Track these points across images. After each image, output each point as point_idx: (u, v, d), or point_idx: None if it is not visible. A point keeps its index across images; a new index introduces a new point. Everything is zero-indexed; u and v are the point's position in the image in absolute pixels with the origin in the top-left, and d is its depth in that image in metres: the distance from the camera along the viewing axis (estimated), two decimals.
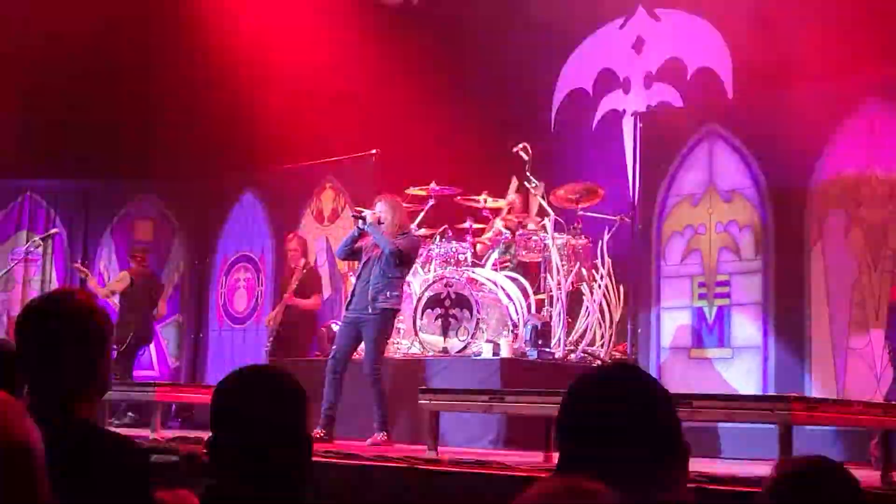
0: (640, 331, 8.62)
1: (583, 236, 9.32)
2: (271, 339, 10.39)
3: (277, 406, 2.43)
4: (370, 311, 7.93)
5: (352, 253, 8.31)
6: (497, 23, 11.74)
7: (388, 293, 7.95)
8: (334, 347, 8.17)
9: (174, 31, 12.79)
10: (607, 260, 9.29)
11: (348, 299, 8.25)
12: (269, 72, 12.16)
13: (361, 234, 8.14)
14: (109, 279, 12.16)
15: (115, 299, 11.35)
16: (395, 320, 8.46)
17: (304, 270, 10.32)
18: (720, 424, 7.51)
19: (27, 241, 11.99)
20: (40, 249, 12.12)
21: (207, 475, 2.49)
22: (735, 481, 4.73)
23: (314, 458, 6.12)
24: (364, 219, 8.07)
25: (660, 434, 2.05)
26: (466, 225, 9.55)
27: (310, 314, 10.50)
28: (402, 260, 8.04)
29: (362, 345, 8.16)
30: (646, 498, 1.99)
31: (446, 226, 9.63)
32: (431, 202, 9.68)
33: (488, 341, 8.62)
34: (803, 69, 8.75)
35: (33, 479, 1.49)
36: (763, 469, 5.18)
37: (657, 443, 2.04)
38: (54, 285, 12.28)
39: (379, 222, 8.03)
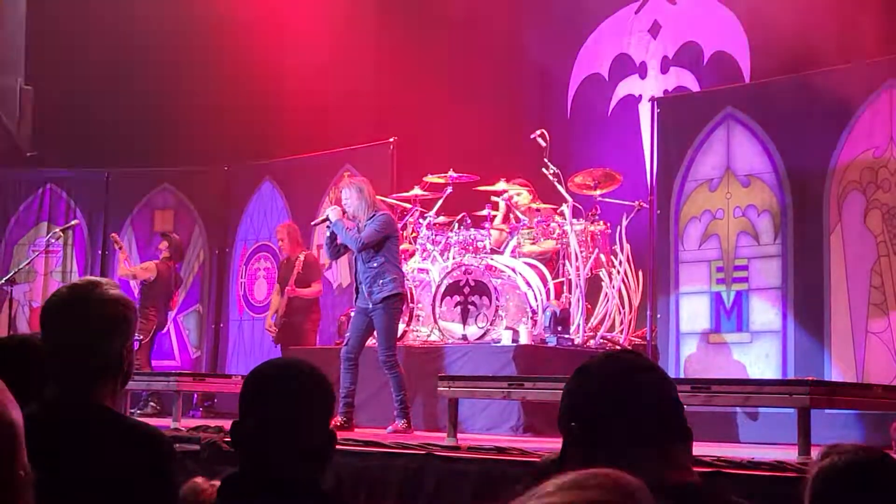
0: (658, 316, 8.63)
1: (601, 222, 9.31)
2: (277, 328, 10.40)
3: (309, 398, 2.49)
4: (371, 304, 7.95)
5: (339, 251, 8.30)
6: (513, 8, 11.73)
7: (380, 283, 7.90)
8: (347, 335, 8.17)
9: (194, 24, 12.82)
10: (626, 245, 9.29)
11: (355, 292, 8.21)
12: (287, 60, 12.18)
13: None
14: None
15: (135, 285, 11.38)
16: (401, 304, 8.31)
17: (304, 260, 10.33)
18: (739, 409, 7.51)
19: (48, 233, 12.05)
20: (61, 241, 12.17)
21: (228, 463, 2.53)
22: (754, 465, 4.74)
23: (336, 446, 6.14)
24: (328, 219, 8.05)
25: (658, 418, 2.09)
26: (485, 212, 9.55)
27: (311, 302, 10.52)
28: (375, 249, 7.96)
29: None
30: (647, 479, 2.02)
31: (464, 213, 9.63)
32: (449, 189, 9.68)
33: (507, 328, 8.64)
34: (821, 52, 8.71)
35: (12, 453, 1.58)
36: (782, 454, 5.20)
37: (656, 426, 2.08)
38: (75, 276, 12.34)
39: (344, 213, 7.99)
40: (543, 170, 9.42)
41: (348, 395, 7.91)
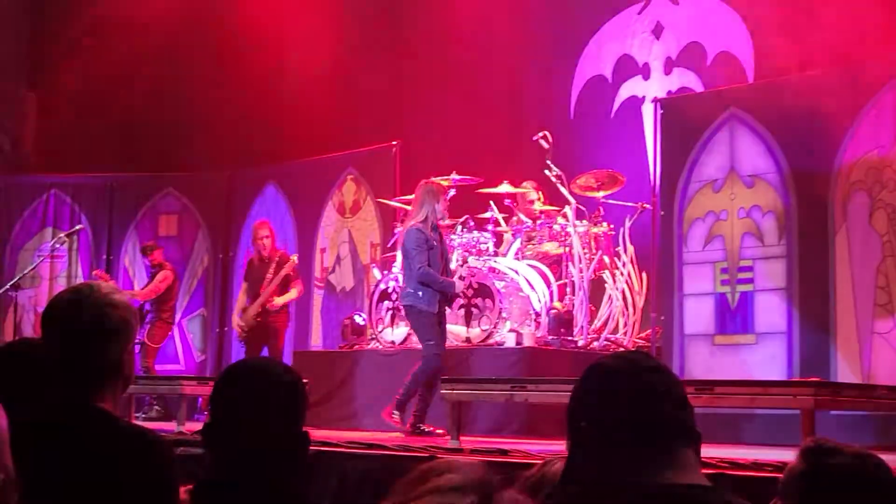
0: (663, 318, 8.60)
1: (604, 224, 9.30)
2: (247, 327, 10.08)
3: (277, 398, 2.48)
4: (448, 306, 8.05)
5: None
6: (516, 10, 11.72)
7: None
8: (437, 344, 7.80)
9: (198, 29, 12.83)
10: (629, 247, 9.27)
11: (438, 299, 7.84)
12: (290, 65, 12.19)
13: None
14: (134, 275, 12.26)
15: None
16: None
17: (293, 265, 10.12)
18: (743, 410, 7.49)
19: (52, 238, 12.07)
20: (66, 246, 12.20)
21: None
22: (757, 467, 4.73)
23: (340, 449, 6.14)
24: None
25: (667, 419, 2.07)
26: (488, 214, 9.54)
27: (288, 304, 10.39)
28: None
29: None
30: (656, 480, 2.01)
31: (468, 216, 9.62)
32: (452, 192, 9.66)
33: (511, 330, 8.63)
34: (825, 52, 8.69)
35: None
36: (787, 455, 5.18)
37: (664, 427, 2.06)
38: (80, 281, 12.35)
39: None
40: (546, 172, 9.41)
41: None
